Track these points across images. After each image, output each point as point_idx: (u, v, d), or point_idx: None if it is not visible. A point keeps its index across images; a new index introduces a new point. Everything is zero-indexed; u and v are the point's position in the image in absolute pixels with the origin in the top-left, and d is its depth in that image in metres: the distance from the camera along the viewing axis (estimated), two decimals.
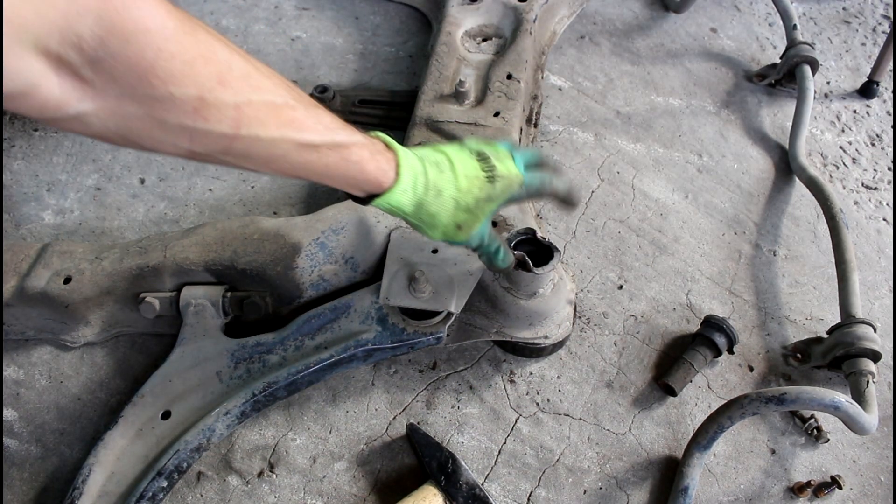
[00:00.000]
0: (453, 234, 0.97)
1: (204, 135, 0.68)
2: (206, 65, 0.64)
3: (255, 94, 0.70)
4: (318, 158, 0.82)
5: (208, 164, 0.79)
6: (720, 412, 1.10)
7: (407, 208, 0.92)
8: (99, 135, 0.65)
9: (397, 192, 0.90)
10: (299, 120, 0.78)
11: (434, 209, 0.94)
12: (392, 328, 1.16)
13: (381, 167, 0.89)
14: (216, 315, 1.20)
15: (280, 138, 0.75)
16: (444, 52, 1.61)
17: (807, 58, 1.76)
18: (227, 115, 0.68)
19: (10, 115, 1.68)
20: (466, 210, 0.96)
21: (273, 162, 0.78)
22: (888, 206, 1.65)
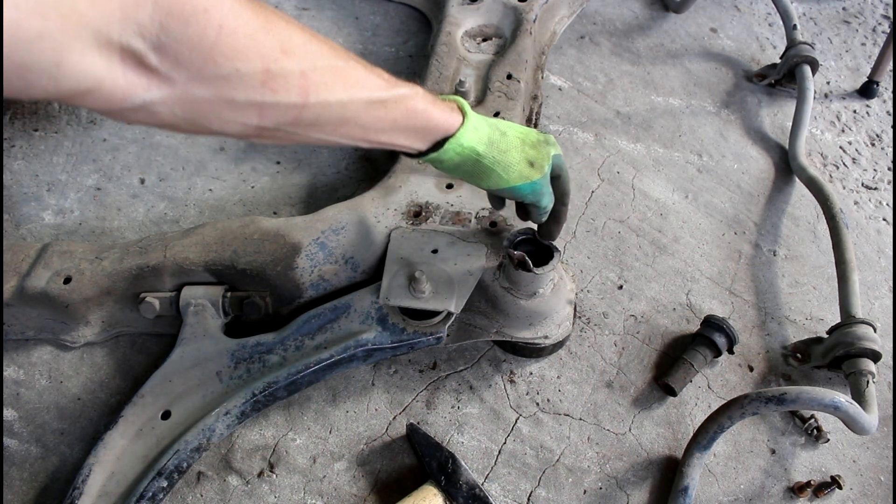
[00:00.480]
0: (528, 171, 0.97)
1: (273, 107, 0.67)
2: (268, 35, 0.63)
3: (318, 59, 0.70)
4: (387, 114, 0.82)
5: (274, 142, 0.77)
6: (720, 412, 1.10)
7: (480, 147, 0.92)
8: (166, 123, 0.64)
9: (469, 130, 0.90)
10: (363, 79, 0.77)
11: (504, 146, 0.94)
12: (392, 328, 1.16)
13: (445, 112, 0.89)
14: (216, 315, 1.20)
15: (349, 100, 0.75)
16: (444, 52, 1.61)
17: (807, 58, 1.76)
18: (294, 83, 0.67)
19: (10, 114, 1.68)
20: (533, 146, 0.98)
21: (343, 125, 0.78)
22: (888, 206, 1.65)
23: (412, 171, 1.36)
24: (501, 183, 0.97)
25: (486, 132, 0.93)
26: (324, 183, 1.59)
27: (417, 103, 0.84)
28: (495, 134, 0.94)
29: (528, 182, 0.98)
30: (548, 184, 1.02)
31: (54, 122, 1.68)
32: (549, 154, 1.00)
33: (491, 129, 0.94)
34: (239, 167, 1.61)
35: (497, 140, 0.94)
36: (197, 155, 1.64)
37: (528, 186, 0.99)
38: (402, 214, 1.28)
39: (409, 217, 1.28)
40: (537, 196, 1.01)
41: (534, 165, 0.98)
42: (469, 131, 0.91)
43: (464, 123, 0.90)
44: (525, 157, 0.97)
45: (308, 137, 0.78)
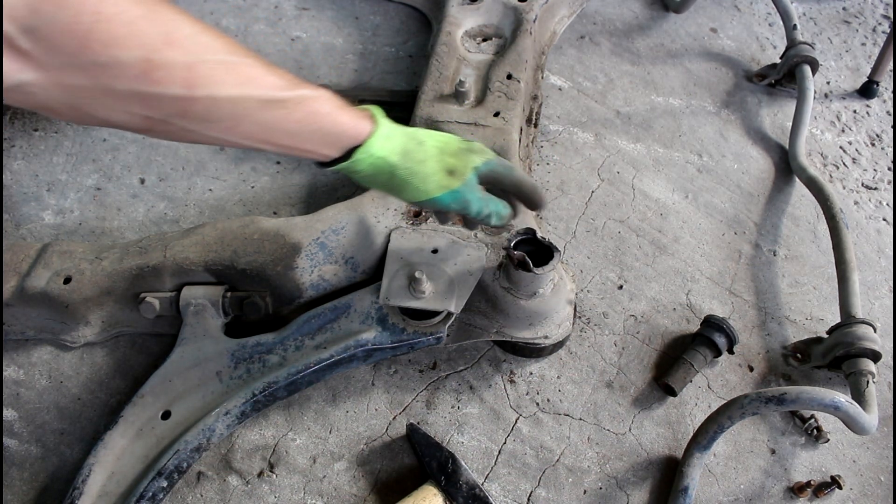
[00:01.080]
0: (446, 181, 0.92)
1: (156, 98, 0.65)
2: (150, 25, 0.61)
3: (207, 53, 0.67)
4: (287, 114, 0.78)
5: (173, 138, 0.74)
6: (720, 412, 1.10)
7: (393, 157, 0.87)
8: (46, 106, 0.63)
9: (380, 139, 0.86)
10: (259, 76, 0.74)
11: (421, 155, 0.90)
12: (392, 328, 1.16)
13: (354, 117, 0.85)
14: (216, 315, 1.20)
15: (241, 96, 0.72)
16: (444, 52, 1.61)
17: (807, 58, 1.76)
18: (177, 75, 0.65)
19: (10, 115, 1.68)
20: (454, 154, 0.93)
21: (239, 123, 0.74)
22: (888, 206, 1.65)
23: None
24: (420, 195, 0.92)
25: (400, 141, 0.89)
26: (324, 183, 1.59)
27: (322, 106, 0.81)
28: (411, 143, 0.90)
29: (448, 191, 0.93)
30: (473, 190, 0.96)
31: (54, 122, 1.68)
32: (471, 162, 0.95)
33: (406, 139, 0.90)
34: (239, 167, 1.61)
35: (413, 150, 0.90)
36: (197, 155, 1.64)
37: (448, 196, 0.94)
38: (402, 214, 1.28)
39: (409, 217, 1.28)
40: (462, 205, 0.96)
41: (454, 174, 0.93)
42: (380, 140, 0.86)
43: (374, 131, 0.86)
44: (444, 166, 0.92)
45: (207, 136, 0.74)
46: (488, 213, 1.00)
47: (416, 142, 0.91)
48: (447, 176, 0.93)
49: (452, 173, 0.93)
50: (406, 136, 0.91)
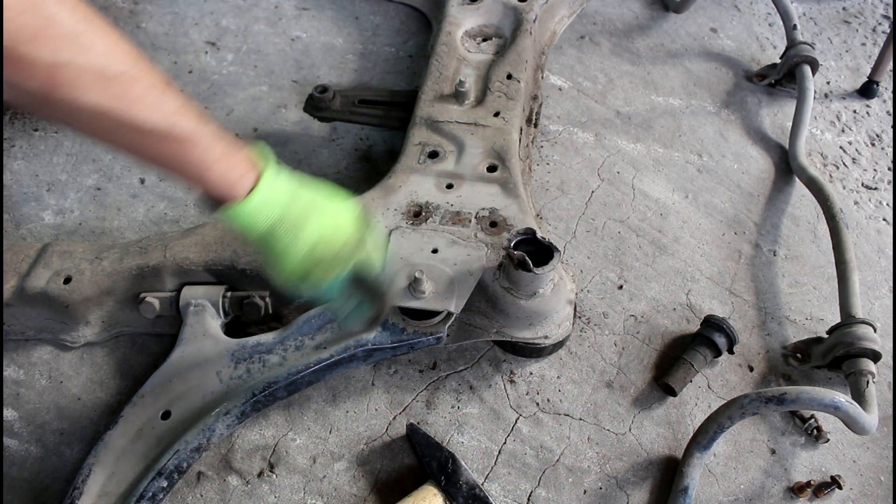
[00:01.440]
0: (299, 278, 0.84)
1: (16, 87, 0.63)
2: (27, 16, 0.59)
3: (78, 56, 0.63)
4: (149, 146, 0.72)
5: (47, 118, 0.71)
6: (720, 412, 1.10)
7: (259, 227, 0.79)
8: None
9: (251, 205, 0.78)
10: (133, 96, 0.68)
11: (289, 239, 0.81)
12: (392, 328, 1.16)
13: (232, 173, 0.77)
14: (216, 315, 1.20)
15: (102, 111, 0.66)
16: (444, 52, 1.61)
17: (807, 58, 1.76)
18: (39, 73, 0.62)
19: (10, 115, 1.68)
20: (328, 250, 0.84)
21: (100, 136, 0.70)
22: (888, 206, 1.65)
23: (412, 171, 1.36)
24: (274, 273, 0.84)
25: (274, 215, 0.80)
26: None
27: (194, 151, 0.73)
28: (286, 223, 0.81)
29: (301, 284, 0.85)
30: (330, 293, 0.87)
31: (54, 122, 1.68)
32: (346, 263, 0.86)
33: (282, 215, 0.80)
34: None
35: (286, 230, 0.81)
36: None
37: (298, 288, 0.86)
38: (402, 214, 1.28)
39: (409, 217, 1.28)
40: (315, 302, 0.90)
41: (309, 276, 0.84)
42: (250, 207, 0.78)
43: (248, 196, 0.78)
44: (304, 264, 0.83)
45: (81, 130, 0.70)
46: (344, 316, 0.92)
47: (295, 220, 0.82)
48: (303, 274, 0.84)
49: (309, 275, 0.84)
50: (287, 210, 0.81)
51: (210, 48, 1.89)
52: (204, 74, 1.82)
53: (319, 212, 0.84)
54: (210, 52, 1.88)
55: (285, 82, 1.81)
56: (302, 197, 0.83)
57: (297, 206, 0.82)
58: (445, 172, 1.35)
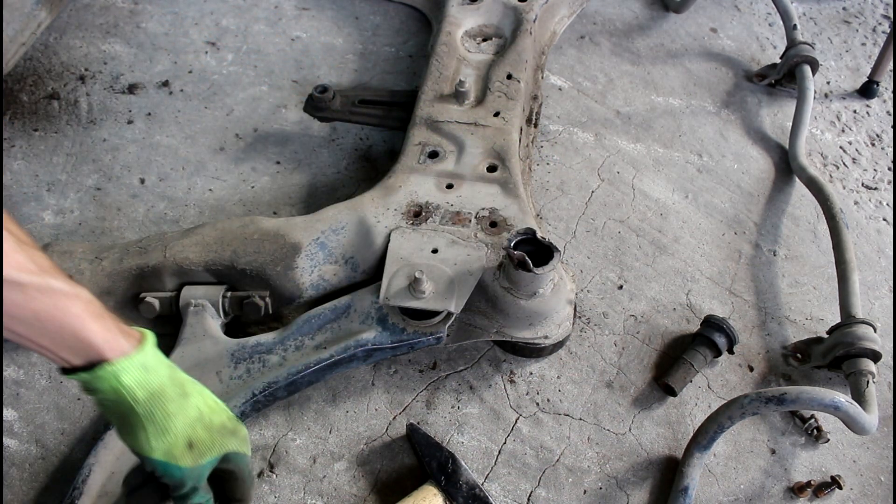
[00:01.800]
0: (181, 452, 0.77)
1: None
2: None
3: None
4: (25, 301, 0.67)
5: None
6: (720, 412, 1.10)
7: (139, 392, 0.73)
8: None
9: (135, 366, 0.73)
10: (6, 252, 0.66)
11: (174, 408, 0.76)
12: (392, 328, 1.16)
13: (110, 330, 0.72)
14: (216, 315, 1.20)
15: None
16: (444, 52, 1.61)
17: (807, 58, 1.76)
18: None
19: (10, 115, 1.68)
20: (208, 429, 0.80)
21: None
22: (888, 206, 1.65)
23: (412, 170, 1.36)
24: (144, 448, 0.76)
25: (158, 381, 0.75)
26: (324, 183, 1.59)
27: (71, 305, 0.70)
28: (171, 389, 0.76)
29: (174, 464, 0.77)
30: (197, 479, 0.80)
31: (54, 122, 1.68)
32: (223, 447, 0.81)
33: (169, 382, 0.76)
34: (239, 167, 1.61)
35: (170, 397, 0.76)
36: (197, 155, 1.64)
37: (170, 468, 0.77)
38: (402, 214, 1.28)
39: (409, 217, 1.28)
40: (175, 482, 0.79)
41: (192, 448, 0.78)
42: (134, 367, 0.73)
43: (131, 355, 0.73)
44: (189, 434, 0.78)
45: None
46: None
47: (178, 391, 0.77)
48: (185, 447, 0.78)
49: (191, 447, 0.78)
50: (170, 380, 0.77)
51: (210, 48, 1.89)
52: (204, 74, 1.82)
53: (199, 387, 0.82)
54: (210, 52, 1.88)
55: (285, 82, 1.81)
56: (180, 371, 0.80)
57: (181, 375, 0.79)
58: (445, 172, 1.35)
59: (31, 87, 1.75)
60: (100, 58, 1.84)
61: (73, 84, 1.77)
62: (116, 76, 1.79)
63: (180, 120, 1.71)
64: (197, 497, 0.81)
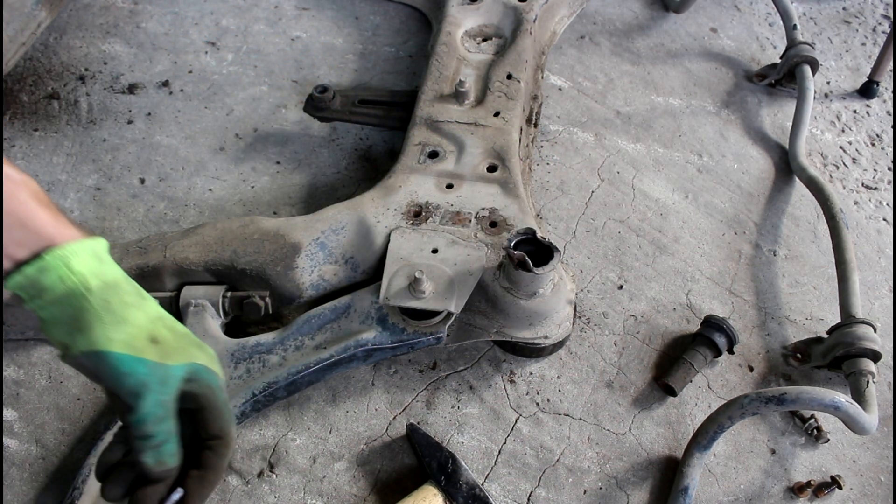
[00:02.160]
0: (143, 345, 0.66)
1: None
2: None
3: None
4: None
5: None
6: (720, 412, 1.10)
7: (92, 280, 0.65)
8: None
9: (87, 252, 0.66)
10: None
11: (132, 300, 0.68)
12: (392, 328, 1.16)
13: (59, 218, 0.66)
14: (216, 315, 1.20)
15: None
16: (444, 52, 1.61)
17: (807, 58, 1.76)
18: None
19: (10, 114, 1.68)
20: (172, 330, 0.70)
21: None
22: (888, 206, 1.65)
23: (412, 170, 1.36)
24: (101, 342, 0.64)
25: (113, 274, 0.68)
26: (324, 183, 1.59)
27: (19, 192, 0.64)
28: (128, 285, 0.69)
29: (136, 357, 0.65)
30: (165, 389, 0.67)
31: (54, 122, 1.68)
32: (191, 355, 0.70)
33: (125, 279, 0.69)
34: (239, 167, 1.61)
35: (126, 290, 0.68)
36: (197, 155, 1.64)
37: (134, 366, 0.65)
38: (402, 214, 1.28)
39: (409, 217, 1.28)
40: (139, 390, 0.65)
41: (156, 344, 0.67)
42: (86, 254, 0.65)
43: (82, 241, 0.66)
44: (152, 329, 0.68)
45: None
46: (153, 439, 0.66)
47: (135, 289, 0.70)
48: (148, 340, 0.67)
49: (156, 343, 0.67)
50: (125, 279, 0.69)
51: (210, 48, 1.89)
52: (204, 74, 1.82)
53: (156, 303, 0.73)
54: (210, 52, 1.88)
55: (285, 82, 1.81)
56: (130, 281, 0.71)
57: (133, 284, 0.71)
58: (445, 172, 1.35)
59: (31, 87, 1.75)
60: (100, 58, 1.84)
61: (73, 84, 1.77)
62: (116, 76, 1.79)
63: (180, 120, 1.71)
64: (164, 425, 0.67)
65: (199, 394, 0.71)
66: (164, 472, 0.68)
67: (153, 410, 0.66)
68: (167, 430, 0.67)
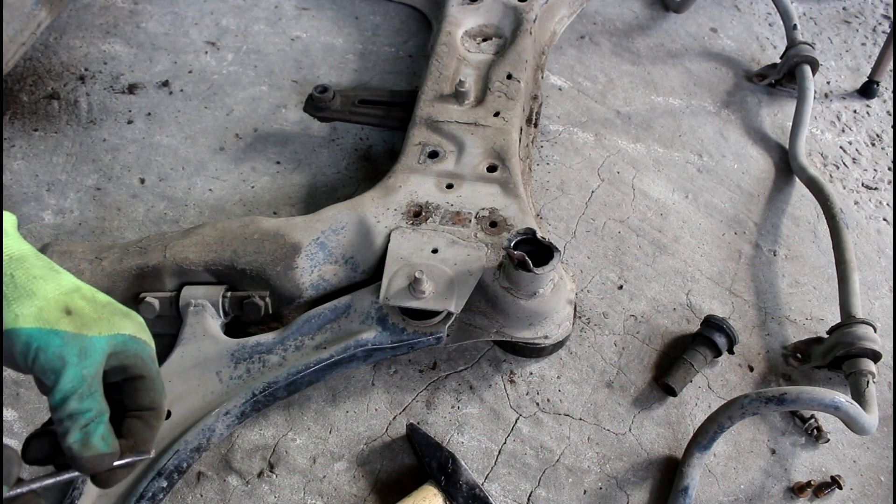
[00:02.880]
0: (55, 317, 0.61)
1: None
2: None
3: None
4: None
5: None
6: (720, 412, 1.10)
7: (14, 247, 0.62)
8: None
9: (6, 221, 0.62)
10: None
11: (40, 273, 0.63)
12: (392, 328, 1.16)
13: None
14: (216, 315, 1.20)
15: None
16: (444, 51, 1.60)
17: (807, 58, 1.76)
18: None
19: (10, 114, 1.68)
20: (90, 301, 0.65)
21: None
22: (888, 206, 1.65)
23: (412, 170, 1.36)
24: (8, 320, 0.59)
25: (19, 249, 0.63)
26: (324, 183, 1.59)
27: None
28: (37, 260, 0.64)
29: (49, 329, 0.60)
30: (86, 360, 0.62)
31: (54, 122, 1.68)
32: (114, 325, 0.65)
33: (35, 255, 0.64)
34: (239, 167, 1.61)
35: (34, 264, 0.63)
36: (197, 155, 1.64)
37: (44, 336, 0.60)
38: (402, 214, 1.28)
39: (409, 217, 1.28)
40: (55, 364, 0.60)
41: (71, 315, 0.62)
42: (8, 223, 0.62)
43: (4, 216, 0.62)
44: (66, 301, 0.63)
45: None
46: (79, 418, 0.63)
47: (46, 264, 0.65)
48: (61, 312, 0.62)
49: (71, 314, 0.62)
50: (35, 254, 0.65)
51: (210, 48, 1.89)
52: (204, 74, 1.82)
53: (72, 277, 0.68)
54: (210, 52, 1.88)
55: (285, 82, 1.81)
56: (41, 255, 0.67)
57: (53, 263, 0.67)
58: (445, 172, 1.35)
59: (31, 87, 1.75)
60: (100, 58, 1.84)
61: (73, 84, 1.77)
62: (116, 76, 1.79)
63: (180, 120, 1.71)
64: (89, 402, 0.62)
65: (128, 364, 0.66)
66: (95, 462, 0.63)
67: (75, 385, 0.61)
68: (95, 409, 0.62)
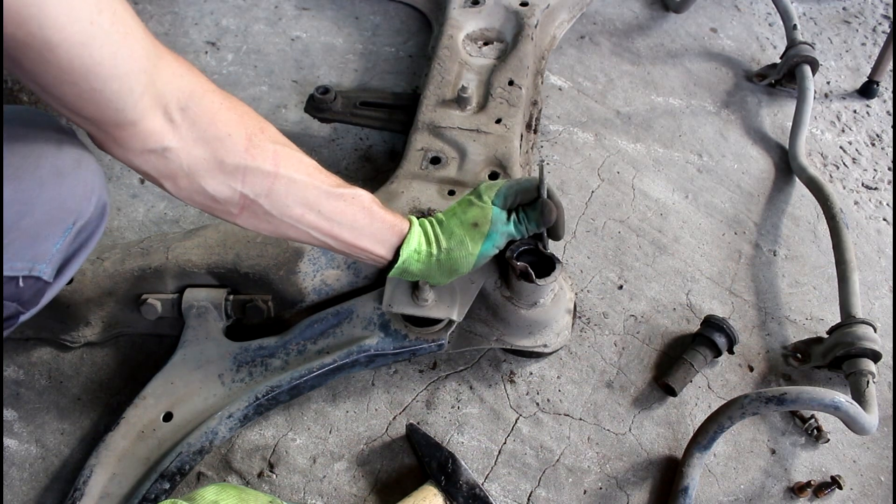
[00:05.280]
0: (477, 234, 1.00)
1: (253, 172, 0.81)
2: (250, 118, 0.83)
3: (285, 145, 0.87)
4: (345, 207, 0.90)
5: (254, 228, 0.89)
6: (720, 412, 1.10)
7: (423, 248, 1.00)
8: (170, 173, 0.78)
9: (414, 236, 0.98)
10: (318, 172, 0.89)
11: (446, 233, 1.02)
12: (394, 334, 1.16)
13: (395, 215, 0.98)
14: (218, 318, 1.20)
15: (310, 182, 0.87)
16: (446, 55, 1.60)
17: (807, 58, 1.76)
18: (268, 153, 0.83)
19: None
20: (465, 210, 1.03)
21: (309, 210, 0.87)
22: (888, 206, 1.65)
23: (414, 176, 1.36)
24: (470, 260, 1.02)
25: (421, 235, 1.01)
26: None
27: (370, 203, 0.94)
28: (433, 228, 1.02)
29: (486, 239, 1.01)
30: (503, 223, 1.02)
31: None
32: (483, 206, 1.01)
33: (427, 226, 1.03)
34: None
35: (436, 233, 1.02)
36: None
37: (489, 242, 1.02)
38: None
39: None
40: (503, 238, 1.03)
41: (478, 225, 1.00)
42: (414, 236, 0.99)
43: (411, 229, 0.99)
44: (466, 225, 1.01)
45: (282, 222, 0.88)
46: (526, 228, 1.04)
47: (431, 226, 1.03)
48: (473, 229, 1.00)
49: (477, 225, 1.00)
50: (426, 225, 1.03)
51: (210, 48, 1.89)
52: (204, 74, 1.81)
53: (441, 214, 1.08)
54: (210, 52, 1.88)
55: (285, 82, 1.81)
56: None
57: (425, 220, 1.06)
58: (447, 179, 1.35)
59: None
60: None
61: None
62: None
63: None
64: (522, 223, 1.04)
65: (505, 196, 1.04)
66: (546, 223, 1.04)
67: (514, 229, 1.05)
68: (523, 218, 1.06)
